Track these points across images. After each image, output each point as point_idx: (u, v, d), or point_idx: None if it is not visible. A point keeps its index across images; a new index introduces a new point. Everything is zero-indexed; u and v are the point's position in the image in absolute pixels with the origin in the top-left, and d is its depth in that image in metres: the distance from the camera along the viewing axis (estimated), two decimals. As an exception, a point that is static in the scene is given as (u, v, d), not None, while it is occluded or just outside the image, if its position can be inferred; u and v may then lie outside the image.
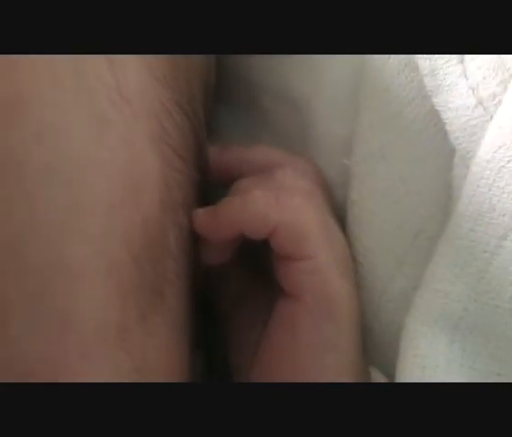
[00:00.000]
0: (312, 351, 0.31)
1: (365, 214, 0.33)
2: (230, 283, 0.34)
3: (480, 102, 0.30)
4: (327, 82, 0.36)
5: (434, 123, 0.32)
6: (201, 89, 0.33)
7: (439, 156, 0.32)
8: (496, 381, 0.30)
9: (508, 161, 0.29)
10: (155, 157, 0.29)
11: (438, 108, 0.31)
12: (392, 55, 0.32)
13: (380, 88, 0.33)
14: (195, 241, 0.31)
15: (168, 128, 0.30)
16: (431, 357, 0.31)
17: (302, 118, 0.36)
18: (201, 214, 0.31)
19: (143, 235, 0.28)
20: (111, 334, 0.27)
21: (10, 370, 0.26)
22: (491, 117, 0.30)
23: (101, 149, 0.27)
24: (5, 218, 0.25)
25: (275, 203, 0.31)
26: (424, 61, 0.31)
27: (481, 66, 0.30)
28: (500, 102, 0.30)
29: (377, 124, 0.33)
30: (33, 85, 0.26)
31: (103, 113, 0.27)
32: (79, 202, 0.27)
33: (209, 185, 0.33)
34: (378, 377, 0.32)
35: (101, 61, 0.27)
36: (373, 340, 0.33)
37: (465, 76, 0.30)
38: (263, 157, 0.35)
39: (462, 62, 0.30)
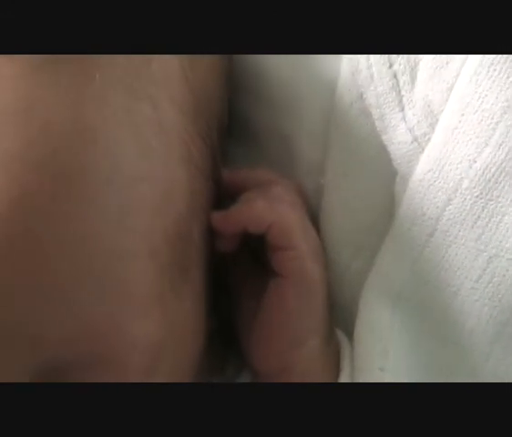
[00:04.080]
0: (294, 313, 0.35)
1: (332, 217, 0.37)
2: (237, 265, 0.38)
3: (415, 139, 0.34)
4: (307, 120, 0.38)
5: (382, 153, 0.36)
6: (217, 124, 0.37)
7: (386, 176, 0.36)
8: (425, 339, 0.34)
9: (435, 181, 0.33)
10: (184, 172, 0.33)
11: (385, 143, 0.35)
12: (353, 103, 0.36)
13: (344, 127, 0.36)
14: (212, 234, 0.35)
15: (192, 151, 0.33)
16: (379, 320, 0.35)
17: (288, 148, 0.39)
18: (217, 215, 0.35)
19: (175, 228, 0.32)
20: (152, 299, 0.31)
21: (83, 325, 0.29)
22: (423, 150, 0.34)
23: (146, 167, 0.31)
24: (78, 218, 0.29)
25: (270, 209, 0.35)
26: (376, 109, 0.35)
27: (416, 113, 0.34)
28: (429, 139, 0.34)
29: (343, 153, 0.37)
30: (98, 119, 0.30)
31: (148, 141, 0.31)
32: (131, 204, 0.30)
33: (223, 196, 0.36)
34: (340, 335, 0.37)
35: (146, 103, 0.31)
36: (338, 307, 0.37)
37: (405, 120, 0.35)
38: (262, 177, 0.38)
39: (402, 110, 0.35)
